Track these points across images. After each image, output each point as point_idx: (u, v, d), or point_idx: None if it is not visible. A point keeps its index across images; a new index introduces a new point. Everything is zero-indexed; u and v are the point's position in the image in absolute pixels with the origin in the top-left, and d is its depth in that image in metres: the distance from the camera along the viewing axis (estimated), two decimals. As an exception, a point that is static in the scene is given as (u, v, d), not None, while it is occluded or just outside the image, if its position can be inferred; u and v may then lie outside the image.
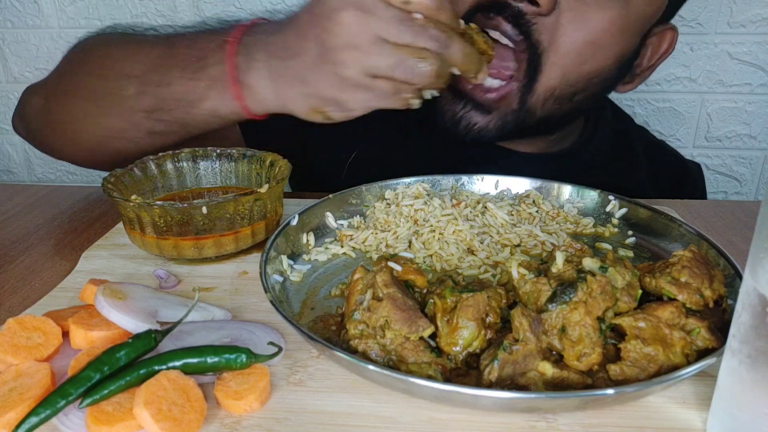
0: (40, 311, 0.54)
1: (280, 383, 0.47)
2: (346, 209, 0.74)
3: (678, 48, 0.88)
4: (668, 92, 1.44)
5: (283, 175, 0.68)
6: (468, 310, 0.47)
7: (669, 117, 1.47)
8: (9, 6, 1.48)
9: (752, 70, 1.40)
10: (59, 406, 0.41)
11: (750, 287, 0.37)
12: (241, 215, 0.64)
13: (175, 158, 0.74)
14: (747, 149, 1.49)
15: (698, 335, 0.46)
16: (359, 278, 0.52)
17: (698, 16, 1.35)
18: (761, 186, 1.51)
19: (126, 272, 0.64)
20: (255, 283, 0.60)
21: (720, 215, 0.82)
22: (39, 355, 0.47)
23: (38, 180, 1.68)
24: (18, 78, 1.56)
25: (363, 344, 0.47)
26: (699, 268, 0.51)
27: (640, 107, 1.45)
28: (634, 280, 0.49)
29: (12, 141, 1.64)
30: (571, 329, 0.45)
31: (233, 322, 0.54)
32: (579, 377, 0.44)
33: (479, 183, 0.80)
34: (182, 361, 0.44)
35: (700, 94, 1.44)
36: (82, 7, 1.47)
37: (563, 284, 0.47)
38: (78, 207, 0.83)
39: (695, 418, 0.44)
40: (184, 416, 0.41)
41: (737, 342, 0.38)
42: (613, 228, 0.73)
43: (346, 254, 0.67)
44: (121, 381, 0.42)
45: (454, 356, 0.47)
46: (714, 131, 1.48)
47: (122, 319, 0.49)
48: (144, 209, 0.61)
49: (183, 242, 0.62)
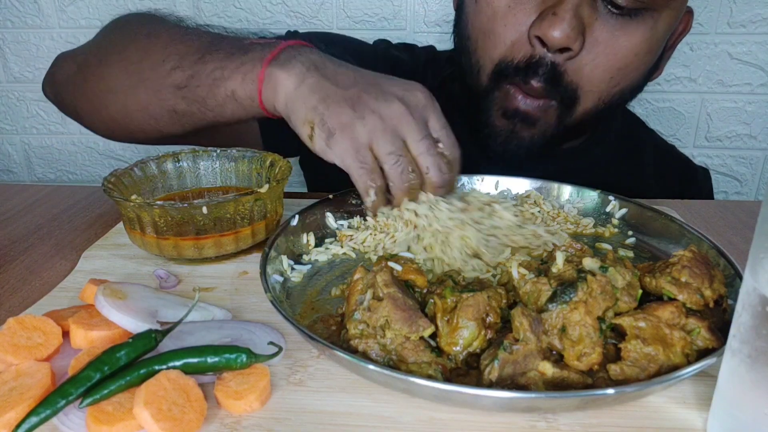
0: (40, 311, 0.54)
1: (280, 383, 0.47)
2: (346, 209, 0.74)
3: (678, 48, 0.89)
4: (668, 92, 1.44)
5: (284, 175, 0.68)
6: (468, 310, 0.47)
7: (669, 117, 1.47)
8: (9, 6, 1.48)
9: (752, 70, 1.40)
10: (59, 405, 0.41)
11: (750, 287, 0.37)
12: (241, 215, 0.64)
13: (175, 158, 0.74)
14: (747, 149, 1.49)
15: (698, 335, 0.46)
16: (359, 278, 0.52)
17: (698, 16, 1.35)
18: (761, 186, 1.51)
19: (126, 272, 0.64)
20: (255, 283, 0.60)
21: (720, 215, 0.82)
22: (39, 355, 0.47)
23: (38, 180, 1.68)
24: (18, 78, 1.56)
25: (363, 344, 0.47)
26: (699, 268, 0.51)
27: (640, 107, 1.45)
28: (634, 280, 0.49)
29: (12, 141, 1.64)
30: (572, 329, 0.45)
31: (233, 322, 0.54)
32: (579, 377, 0.44)
33: (479, 183, 0.80)
34: (182, 361, 0.44)
35: (700, 94, 1.44)
36: (82, 7, 1.47)
37: (563, 284, 0.47)
38: (78, 207, 0.83)
39: (695, 418, 0.44)
40: (184, 416, 0.41)
41: (737, 342, 0.38)
42: (613, 228, 0.73)
43: (346, 254, 0.67)
44: (121, 381, 0.42)
45: (454, 356, 0.47)
46: (714, 131, 1.48)
47: (122, 319, 0.49)
48: (144, 209, 0.61)
49: (183, 242, 0.62)
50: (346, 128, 0.62)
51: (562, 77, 0.77)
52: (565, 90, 0.78)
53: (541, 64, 0.76)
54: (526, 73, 0.77)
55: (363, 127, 0.62)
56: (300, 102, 0.65)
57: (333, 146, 0.62)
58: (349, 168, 0.63)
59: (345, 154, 0.62)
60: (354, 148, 0.62)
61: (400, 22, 1.44)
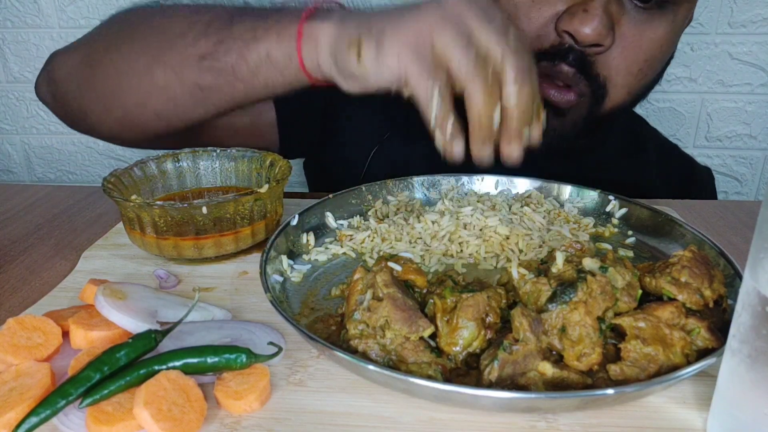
0: (40, 311, 0.54)
1: (280, 383, 0.47)
2: (346, 209, 0.74)
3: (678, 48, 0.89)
4: (668, 92, 1.44)
5: (284, 175, 0.68)
6: (468, 310, 0.47)
7: (669, 117, 1.47)
8: (9, 6, 1.48)
9: (752, 70, 1.40)
10: (59, 406, 0.41)
11: (750, 287, 0.37)
12: (241, 215, 0.64)
13: (175, 158, 0.74)
14: (747, 149, 1.49)
15: (698, 335, 0.46)
16: (359, 278, 0.52)
17: (698, 16, 1.35)
18: (761, 186, 1.51)
19: (126, 272, 0.64)
20: (255, 283, 0.60)
21: (720, 215, 0.82)
22: (39, 355, 0.47)
23: (38, 180, 1.68)
24: (18, 78, 1.56)
25: (363, 344, 0.47)
26: (699, 268, 0.51)
27: (640, 107, 1.44)
28: (634, 280, 0.49)
29: (12, 141, 1.64)
30: (571, 329, 0.45)
31: (233, 322, 0.54)
32: (579, 377, 0.44)
33: (479, 183, 0.80)
34: (182, 361, 0.44)
35: (700, 94, 1.44)
36: (82, 7, 1.47)
37: (563, 284, 0.47)
38: (78, 207, 0.83)
39: (695, 418, 0.44)
40: (184, 416, 0.41)
41: (737, 342, 0.38)
42: (613, 228, 0.73)
43: (346, 254, 0.67)
44: (121, 381, 0.42)
45: (454, 356, 0.47)
46: (714, 131, 1.48)
47: (122, 319, 0.49)
48: (144, 209, 0.61)
49: (183, 242, 0.62)
50: (398, 28, 0.54)
51: (592, 67, 0.76)
52: (595, 81, 0.77)
53: (571, 50, 0.75)
54: (554, 57, 0.76)
55: (417, 22, 0.53)
56: (344, 37, 0.58)
57: (385, 54, 0.54)
58: (407, 72, 0.53)
59: (400, 56, 0.53)
60: (409, 46, 0.53)
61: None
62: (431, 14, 0.53)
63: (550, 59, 0.77)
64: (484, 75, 0.52)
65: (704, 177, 1.10)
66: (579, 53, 0.75)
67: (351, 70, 0.58)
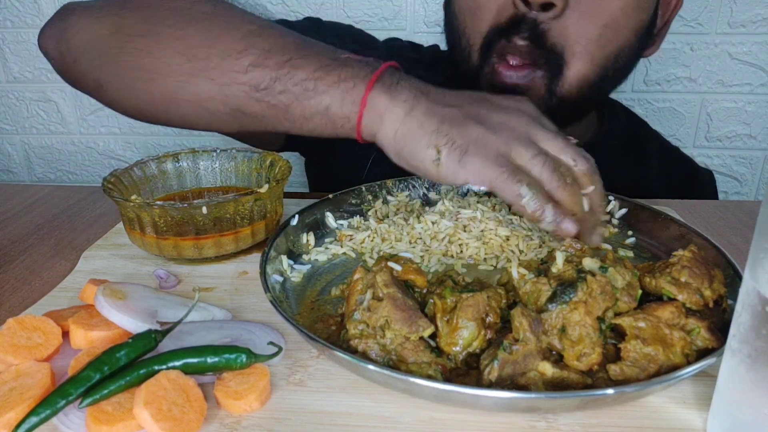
0: (40, 311, 0.54)
1: (280, 383, 0.47)
2: (346, 209, 0.74)
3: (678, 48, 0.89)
4: (668, 92, 1.44)
5: (284, 175, 0.68)
6: (468, 310, 0.47)
7: (669, 117, 1.47)
8: (9, 6, 1.48)
9: (752, 70, 1.40)
10: (59, 406, 0.41)
11: (750, 287, 0.37)
12: (241, 215, 0.64)
13: (175, 158, 0.74)
14: (747, 149, 1.49)
15: (698, 335, 0.46)
16: (359, 278, 0.52)
17: (698, 16, 1.35)
18: (761, 186, 1.51)
19: (126, 272, 0.64)
20: (255, 283, 0.60)
21: (720, 215, 0.82)
22: (39, 355, 0.47)
23: (38, 180, 1.68)
24: (18, 78, 1.56)
25: (363, 344, 0.47)
26: (699, 268, 0.51)
27: (640, 107, 1.45)
28: (634, 280, 0.49)
29: (12, 141, 1.64)
30: (571, 329, 0.45)
31: (233, 322, 0.54)
32: (579, 377, 0.44)
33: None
34: (182, 361, 0.44)
35: (700, 94, 1.44)
36: (82, 7, 1.47)
37: (563, 284, 0.47)
38: (78, 207, 0.83)
39: (695, 418, 0.44)
40: (184, 416, 0.41)
41: (737, 342, 0.38)
42: (613, 228, 0.73)
43: (346, 254, 0.67)
44: (121, 381, 0.42)
45: (454, 356, 0.47)
46: (714, 131, 1.48)
47: (122, 319, 0.49)
48: (144, 209, 0.61)
49: (183, 242, 0.62)
50: (479, 143, 0.59)
51: (546, 36, 0.75)
52: (550, 53, 0.76)
53: (524, 20, 0.74)
54: (509, 32, 0.75)
55: (497, 138, 0.59)
56: (417, 130, 0.60)
57: (468, 164, 0.58)
58: (491, 179, 0.58)
59: (483, 167, 0.58)
60: (492, 159, 0.58)
61: (401, 22, 1.44)
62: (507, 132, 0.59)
63: (505, 36, 0.76)
64: (564, 181, 0.59)
65: (706, 180, 1.09)
66: (532, 23, 0.74)
67: (422, 165, 0.61)
